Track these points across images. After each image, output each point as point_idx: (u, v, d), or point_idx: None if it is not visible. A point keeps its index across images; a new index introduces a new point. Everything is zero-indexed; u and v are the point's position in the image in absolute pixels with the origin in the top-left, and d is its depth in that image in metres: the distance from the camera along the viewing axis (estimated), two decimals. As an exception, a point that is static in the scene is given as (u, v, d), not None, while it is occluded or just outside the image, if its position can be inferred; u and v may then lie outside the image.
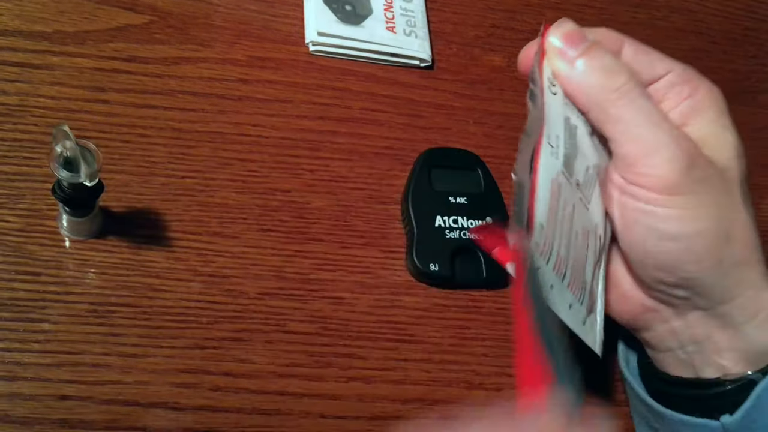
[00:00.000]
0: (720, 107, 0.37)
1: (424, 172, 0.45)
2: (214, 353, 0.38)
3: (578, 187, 0.35)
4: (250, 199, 0.42)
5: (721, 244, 0.34)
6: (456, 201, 0.44)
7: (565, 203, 0.34)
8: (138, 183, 0.41)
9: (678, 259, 0.34)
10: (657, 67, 0.37)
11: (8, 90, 0.41)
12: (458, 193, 0.44)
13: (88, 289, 0.37)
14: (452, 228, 0.43)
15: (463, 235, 0.43)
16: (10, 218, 0.38)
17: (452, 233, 0.43)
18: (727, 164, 0.35)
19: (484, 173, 0.46)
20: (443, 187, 0.44)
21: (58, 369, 0.35)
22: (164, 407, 0.36)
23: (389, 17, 0.50)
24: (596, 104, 0.34)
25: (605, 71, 0.34)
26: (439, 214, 0.43)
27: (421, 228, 0.42)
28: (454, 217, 0.43)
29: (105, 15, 0.45)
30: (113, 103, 0.42)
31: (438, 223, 0.43)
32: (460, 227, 0.43)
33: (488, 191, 0.45)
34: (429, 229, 0.43)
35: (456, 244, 0.43)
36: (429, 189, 0.44)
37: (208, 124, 0.44)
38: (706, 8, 0.64)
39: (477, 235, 0.42)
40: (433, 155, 0.46)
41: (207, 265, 0.40)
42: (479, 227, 0.43)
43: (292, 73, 0.47)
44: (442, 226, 0.43)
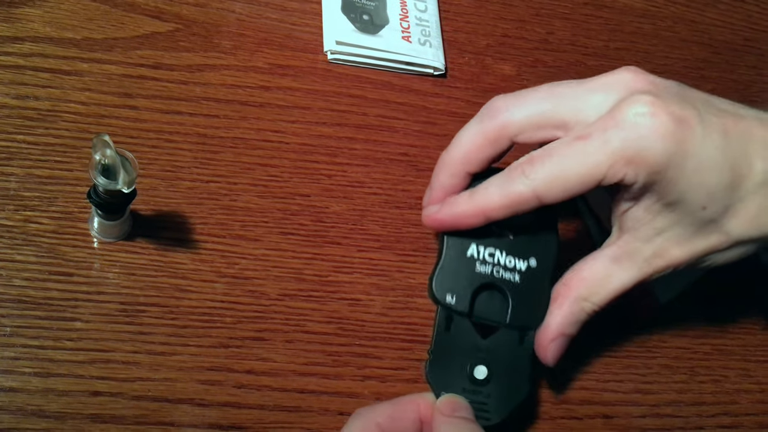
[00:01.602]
0: (668, 190, 0.34)
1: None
2: (238, 352, 0.39)
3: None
4: (272, 204, 0.44)
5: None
6: (500, 233, 0.38)
7: None
8: (165, 187, 0.42)
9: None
10: (582, 189, 0.35)
11: (40, 95, 0.42)
12: (505, 224, 0.37)
13: (117, 289, 0.39)
14: (485, 261, 0.37)
15: (495, 273, 0.37)
16: (43, 220, 0.39)
17: (484, 267, 0.37)
18: (689, 208, 0.35)
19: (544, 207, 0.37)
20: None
21: (90, 366, 0.37)
22: (191, 403, 0.37)
23: (405, 27, 0.52)
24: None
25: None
26: (475, 242, 0.38)
27: (449, 253, 0.37)
28: (492, 250, 0.38)
29: (132, 23, 0.46)
30: (141, 109, 0.44)
31: (471, 252, 0.37)
32: (494, 263, 0.38)
33: (540, 226, 0.38)
34: (459, 256, 0.37)
35: (483, 280, 0.37)
36: None
37: (232, 130, 0.45)
38: (708, 19, 0.66)
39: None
40: (486, 174, 0.38)
41: (230, 267, 0.41)
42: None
43: (311, 81, 0.49)
44: (475, 257, 0.37)
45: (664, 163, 0.33)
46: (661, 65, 0.61)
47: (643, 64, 0.60)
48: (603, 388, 0.45)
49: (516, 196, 0.35)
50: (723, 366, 0.47)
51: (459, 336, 0.37)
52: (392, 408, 0.35)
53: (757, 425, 0.46)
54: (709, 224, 0.35)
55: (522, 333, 0.38)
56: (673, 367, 0.47)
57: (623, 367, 0.46)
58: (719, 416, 0.46)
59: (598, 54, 0.59)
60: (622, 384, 0.45)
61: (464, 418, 0.35)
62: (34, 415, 0.35)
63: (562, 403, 0.43)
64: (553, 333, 0.38)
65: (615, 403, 0.44)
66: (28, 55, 0.43)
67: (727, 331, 0.49)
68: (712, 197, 0.34)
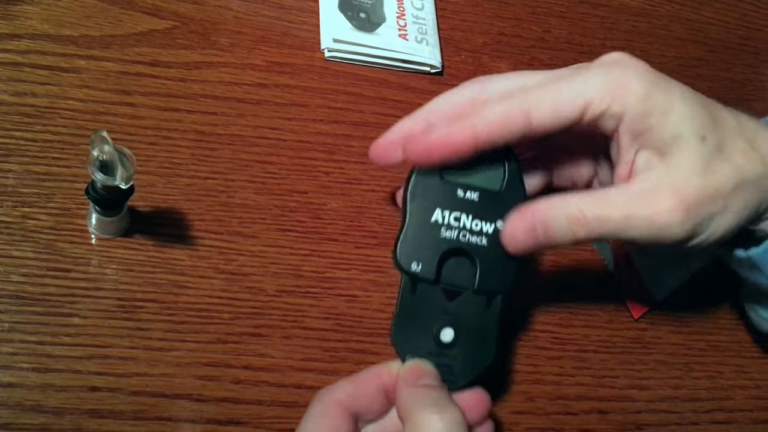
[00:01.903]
0: (658, 104, 0.35)
1: None
2: (235, 348, 0.40)
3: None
4: (269, 200, 0.44)
5: (746, 214, 0.36)
6: (465, 195, 0.36)
7: None
8: (163, 184, 0.42)
9: (718, 246, 0.37)
10: (571, 114, 0.35)
11: (38, 92, 0.42)
12: (471, 186, 0.36)
13: (115, 285, 0.39)
14: (451, 226, 0.36)
15: (462, 237, 0.36)
16: (41, 217, 0.39)
17: (449, 232, 0.36)
18: (702, 152, 0.35)
19: (510, 168, 0.37)
20: (455, 175, 0.36)
21: (88, 361, 0.37)
22: (188, 399, 0.38)
23: (401, 25, 0.52)
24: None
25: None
26: (440, 207, 0.36)
27: (414, 219, 0.36)
28: (457, 214, 0.36)
29: (129, 20, 0.47)
30: (138, 106, 0.44)
31: (435, 218, 0.36)
32: (460, 227, 0.36)
33: (508, 190, 0.37)
34: (423, 222, 0.36)
35: (450, 246, 0.36)
36: (437, 175, 0.36)
37: (229, 127, 0.45)
38: (704, 17, 0.66)
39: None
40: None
41: (228, 264, 0.41)
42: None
43: (309, 78, 0.49)
44: (440, 222, 0.36)
45: (647, 91, 0.35)
46: (657, 63, 0.61)
47: (639, 62, 0.60)
48: (599, 383, 0.45)
49: (507, 113, 0.35)
50: (718, 362, 0.48)
51: (425, 299, 0.36)
52: (353, 384, 0.35)
53: (752, 421, 0.47)
54: (714, 157, 0.35)
55: (489, 296, 0.37)
56: (669, 363, 0.47)
57: (619, 363, 0.46)
58: (714, 412, 0.46)
59: (594, 52, 0.59)
60: (617, 380, 0.46)
61: (428, 385, 0.35)
62: (33, 410, 0.35)
63: (558, 398, 0.44)
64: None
65: (610, 398, 0.45)
66: (25, 52, 0.43)
67: (721, 328, 0.49)
68: (706, 126, 0.35)
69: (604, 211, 0.35)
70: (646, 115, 0.35)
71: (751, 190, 0.36)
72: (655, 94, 0.35)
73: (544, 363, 0.45)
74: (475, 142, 0.35)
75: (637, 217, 0.35)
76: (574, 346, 0.46)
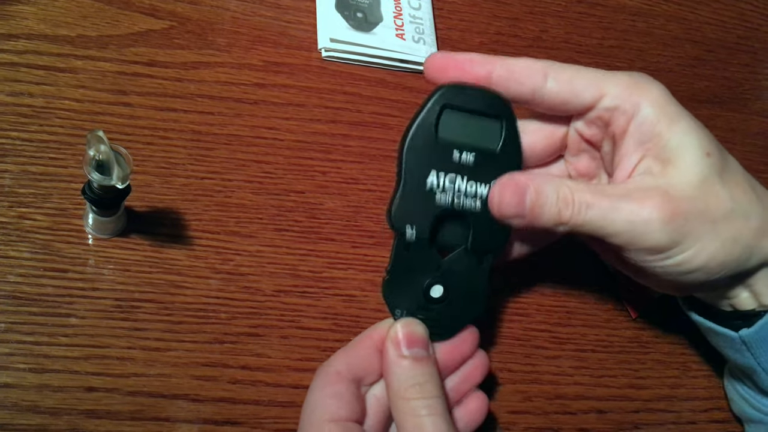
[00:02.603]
0: (669, 113, 0.36)
1: (433, 112, 0.35)
2: (233, 347, 0.39)
3: None
4: (266, 200, 0.44)
5: (734, 250, 0.36)
6: (461, 157, 0.35)
7: None
8: (160, 184, 0.42)
9: (701, 283, 0.37)
10: (585, 95, 0.37)
11: (34, 93, 0.42)
12: (467, 147, 0.35)
13: (112, 285, 0.39)
14: (445, 189, 0.35)
15: (456, 200, 0.36)
16: (38, 217, 0.39)
17: (444, 196, 0.35)
18: (702, 167, 0.35)
19: (509, 125, 0.36)
20: (451, 135, 0.35)
21: (85, 362, 0.37)
22: (186, 399, 0.38)
23: (399, 24, 0.52)
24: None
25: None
26: (435, 169, 0.35)
27: (408, 181, 0.35)
28: (452, 176, 0.35)
29: (126, 20, 0.46)
30: (135, 106, 0.44)
31: (431, 180, 0.35)
32: (455, 190, 0.35)
33: (505, 150, 0.36)
34: (418, 185, 0.35)
35: (444, 209, 0.36)
36: (433, 136, 0.35)
37: (226, 126, 0.45)
38: (701, 17, 0.66)
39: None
40: (450, 93, 0.36)
41: (225, 263, 0.41)
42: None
43: (306, 78, 0.49)
44: (435, 185, 0.35)
45: (662, 99, 0.36)
46: (654, 63, 0.61)
47: (637, 61, 0.61)
48: (596, 383, 0.45)
49: (529, 66, 0.36)
50: (715, 362, 0.48)
51: (417, 256, 0.36)
52: (348, 352, 0.36)
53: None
54: (714, 178, 0.36)
55: (481, 254, 0.37)
56: (666, 362, 0.47)
57: (617, 363, 0.46)
58: (712, 411, 0.46)
59: (591, 52, 0.59)
60: (615, 379, 0.45)
61: (417, 359, 0.35)
62: (29, 410, 0.35)
63: (556, 398, 0.44)
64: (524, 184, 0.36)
65: (608, 398, 0.45)
66: (22, 52, 0.43)
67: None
68: (712, 146, 0.36)
69: (592, 197, 0.35)
70: (656, 121, 0.35)
71: (742, 227, 0.36)
72: (669, 105, 0.36)
73: (542, 362, 0.45)
74: (488, 79, 0.36)
75: (621, 209, 0.35)
76: (572, 345, 0.46)
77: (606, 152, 0.39)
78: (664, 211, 0.34)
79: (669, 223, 0.34)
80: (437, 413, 0.33)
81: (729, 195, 0.36)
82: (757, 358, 0.39)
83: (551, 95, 0.36)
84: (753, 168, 0.58)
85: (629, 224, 0.35)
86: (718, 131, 0.59)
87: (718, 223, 0.35)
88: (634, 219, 0.35)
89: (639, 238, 0.35)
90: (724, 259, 0.36)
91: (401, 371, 0.34)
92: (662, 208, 0.34)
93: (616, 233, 0.35)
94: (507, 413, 0.42)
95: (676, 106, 0.36)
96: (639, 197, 0.35)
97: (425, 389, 0.34)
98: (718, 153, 0.36)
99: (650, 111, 0.36)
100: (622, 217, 0.35)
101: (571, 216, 0.35)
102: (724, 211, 0.35)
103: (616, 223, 0.35)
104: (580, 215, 0.35)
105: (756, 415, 0.42)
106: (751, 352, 0.39)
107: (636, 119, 0.36)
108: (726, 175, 0.36)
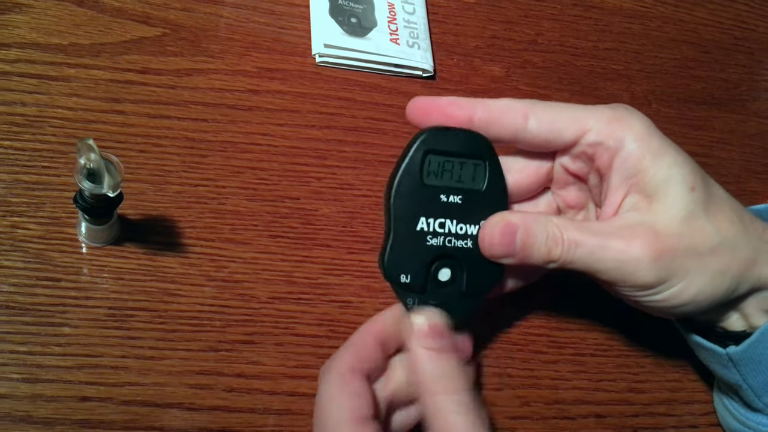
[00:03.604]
0: (653, 147, 0.36)
1: (417, 158, 0.36)
2: (227, 355, 0.39)
3: None
4: (261, 207, 0.44)
5: (722, 282, 0.36)
6: (449, 200, 0.36)
7: None
8: (153, 191, 0.42)
9: (690, 313, 0.38)
10: (567, 133, 0.37)
11: (27, 101, 0.42)
12: (453, 190, 0.36)
13: (106, 293, 0.39)
14: (437, 233, 0.36)
15: (447, 242, 0.36)
16: (30, 226, 0.39)
17: (435, 239, 0.36)
18: (687, 201, 0.36)
19: (492, 166, 0.37)
20: (436, 179, 0.36)
21: (79, 371, 0.37)
22: (180, 408, 0.37)
23: (393, 29, 0.52)
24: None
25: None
26: (424, 215, 0.36)
27: (399, 230, 0.35)
28: (442, 220, 0.36)
29: (119, 28, 0.46)
30: (128, 114, 0.44)
31: (421, 226, 0.36)
32: (446, 233, 0.36)
33: (490, 189, 0.37)
34: (408, 232, 0.36)
35: (437, 252, 0.36)
36: (418, 181, 0.36)
37: (220, 133, 0.45)
38: (698, 18, 0.66)
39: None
40: (433, 137, 0.36)
41: (220, 271, 0.41)
42: None
43: (300, 84, 0.49)
44: (425, 230, 0.36)
45: (646, 133, 0.36)
46: (651, 65, 0.61)
47: (633, 64, 0.60)
48: (596, 387, 0.45)
49: (509, 108, 0.37)
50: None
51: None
52: (354, 348, 0.35)
53: (751, 423, 0.46)
54: (699, 212, 0.36)
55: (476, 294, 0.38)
56: (666, 366, 0.47)
57: (616, 366, 0.46)
58: (712, 415, 0.46)
59: (587, 54, 0.59)
60: (614, 383, 0.45)
61: (443, 350, 0.35)
62: (23, 421, 0.35)
63: (555, 402, 0.43)
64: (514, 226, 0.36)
65: (608, 402, 0.44)
66: (14, 61, 0.43)
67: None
68: (697, 179, 0.36)
69: (581, 236, 0.35)
70: (640, 156, 0.36)
71: (729, 260, 0.36)
72: (653, 138, 0.36)
73: (540, 367, 0.44)
74: (470, 123, 0.37)
75: (609, 247, 0.35)
76: (570, 349, 0.46)
77: (593, 185, 0.39)
78: (652, 250, 0.35)
79: (656, 261, 0.35)
80: (468, 410, 0.33)
81: (715, 228, 0.36)
82: (743, 375, 0.39)
83: (533, 135, 0.37)
84: (751, 169, 0.58)
85: (617, 263, 0.35)
86: (716, 133, 0.59)
87: (704, 258, 0.36)
88: (622, 258, 0.35)
89: (627, 275, 0.36)
90: (713, 292, 0.37)
91: (431, 365, 0.34)
92: (649, 246, 0.35)
93: (604, 270, 0.36)
94: (506, 419, 0.42)
95: (659, 140, 0.36)
96: (626, 235, 0.35)
97: (454, 382, 0.34)
98: (703, 186, 0.36)
99: (634, 146, 0.36)
100: (610, 255, 0.35)
101: (561, 254, 0.36)
102: (710, 245, 0.36)
103: (605, 262, 0.35)
104: (569, 253, 0.36)
105: (741, 429, 0.42)
106: (738, 369, 0.39)
107: (620, 154, 0.36)
108: (712, 207, 0.36)
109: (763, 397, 0.39)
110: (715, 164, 0.57)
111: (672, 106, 0.59)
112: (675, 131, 0.57)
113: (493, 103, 0.37)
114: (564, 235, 0.36)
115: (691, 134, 0.58)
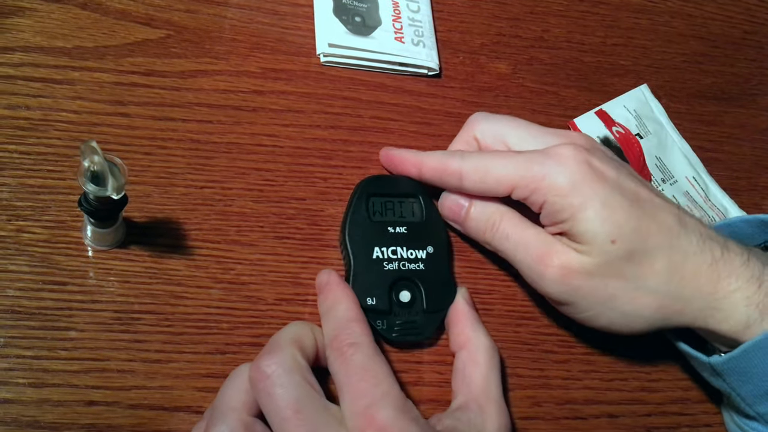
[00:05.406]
0: (575, 204, 0.38)
1: (362, 201, 0.43)
2: (235, 358, 0.39)
3: None
4: (267, 208, 0.43)
5: (638, 321, 0.40)
6: (395, 231, 0.43)
7: None
8: (159, 194, 0.42)
9: (624, 334, 0.41)
10: (498, 190, 0.41)
11: (32, 105, 0.42)
12: (398, 223, 0.43)
13: (112, 297, 0.39)
14: (391, 259, 0.42)
15: (402, 266, 0.42)
16: (36, 229, 0.39)
17: (391, 264, 0.42)
18: (604, 252, 0.38)
19: (425, 201, 0.44)
20: (381, 216, 0.43)
21: (85, 375, 0.36)
22: (188, 411, 0.37)
23: (398, 28, 0.52)
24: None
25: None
26: (377, 245, 0.42)
27: (358, 260, 0.41)
28: (393, 248, 0.42)
29: (123, 30, 0.46)
30: (133, 116, 0.44)
31: (376, 255, 0.42)
32: (399, 258, 0.42)
33: (429, 220, 0.44)
34: (367, 261, 0.41)
35: (395, 276, 0.41)
36: (367, 219, 0.43)
37: (225, 135, 0.45)
38: (706, 13, 0.65)
39: None
40: (371, 184, 0.44)
41: (226, 273, 0.41)
42: None
43: (305, 84, 0.48)
44: (381, 258, 0.42)
45: (567, 189, 0.38)
46: (659, 60, 0.60)
47: (641, 59, 0.60)
48: (608, 387, 0.44)
49: (447, 166, 0.42)
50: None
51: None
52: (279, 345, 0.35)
53: (766, 421, 0.45)
54: (620, 262, 0.38)
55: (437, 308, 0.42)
56: (679, 364, 0.46)
57: (628, 366, 0.45)
58: (727, 413, 0.45)
59: (594, 50, 0.59)
60: (627, 383, 0.45)
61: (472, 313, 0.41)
62: (30, 426, 0.35)
63: (567, 402, 0.43)
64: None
65: (620, 402, 0.44)
66: (18, 65, 0.43)
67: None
68: (622, 233, 0.38)
69: (513, 231, 0.41)
70: (560, 210, 0.39)
71: (650, 303, 0.39)
72: (576, 193, 0.38)
73: (551, 367, 0.44)
74: (419, 173, 0.44)
75: (528, 253, 0.40)
76: (581, 348, 0.45)
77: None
78: (559, 274, 0.39)
79: (559, 285, 0.39)
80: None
81: (634, 274, 0.38)
82: (730, 385, 0.40)
83: (471, 191, 0.42)
84: (762, 164, 0.57)
85: (528, 268, 0.40)
86: (726, 128, 0.58)
87: (614, 300, 0.39)
88: (532, 266, 0.40)
89: (537, 281, 0.40)
90: (629, 326, 0.40)
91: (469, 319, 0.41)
92: (559, 269, 0.39)
93: (522, 269, 0.41)
94: (517, 419, 0.41)
95: (584, 194, 0.38)
96: (546, 251, 0.39)
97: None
98: (628, 236, 0.38)
99: (555, 200, 0.39)
100: (526, 259, 0.40)
101: (491, 239, 0.42)
102: (624, 289, 0.38)
103: (522, 263, 0.41)
104: (497, 241, 0.42)
105: None
106: (723, 379, 0.40)
107: (545, 208, 0.39)
108: (636, 256, 0.38)
109: (755, 406, 0.39)
110: (726, 159, 0.56)
111: (681, 102, 0.58)
112: (685, 127, 0.56)
113: (430, 161, 0.43)
114: (501, 225, 0.41)
115: (701, 129, 0.57)
